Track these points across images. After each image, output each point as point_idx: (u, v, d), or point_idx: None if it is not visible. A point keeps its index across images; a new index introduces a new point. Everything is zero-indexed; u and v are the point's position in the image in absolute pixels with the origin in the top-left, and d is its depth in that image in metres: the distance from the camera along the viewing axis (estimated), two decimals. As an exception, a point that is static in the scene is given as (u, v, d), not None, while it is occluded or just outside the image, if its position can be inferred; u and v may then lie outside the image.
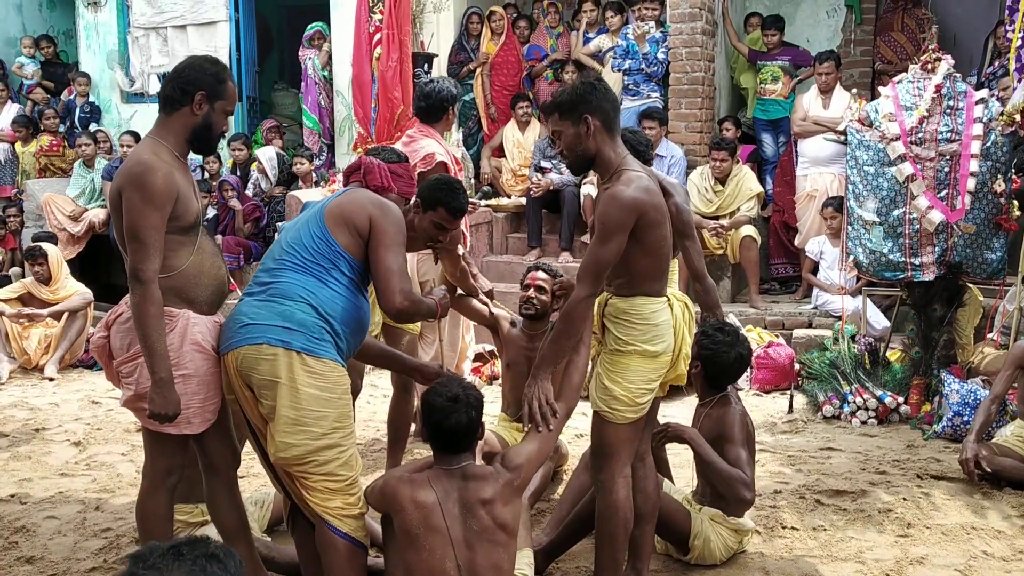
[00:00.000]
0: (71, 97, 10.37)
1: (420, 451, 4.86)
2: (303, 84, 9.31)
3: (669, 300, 3.26)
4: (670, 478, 4.02)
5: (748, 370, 6.55)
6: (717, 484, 3.69)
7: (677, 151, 7.65)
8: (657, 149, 7.36)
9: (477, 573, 2.85)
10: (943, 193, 5.62)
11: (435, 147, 4.85)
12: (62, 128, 10.15)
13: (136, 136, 9.28)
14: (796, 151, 7.87)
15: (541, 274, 4.64)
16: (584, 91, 3.16)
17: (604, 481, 3.25)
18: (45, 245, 7.70)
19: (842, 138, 6.81)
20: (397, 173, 3.44)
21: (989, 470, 4.46)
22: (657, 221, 3.10)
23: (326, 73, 9.26)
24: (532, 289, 4.60)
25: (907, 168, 5.59)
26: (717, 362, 3.78)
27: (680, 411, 5.18)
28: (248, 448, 3.42)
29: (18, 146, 10.17)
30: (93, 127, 9.98)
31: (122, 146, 9.15)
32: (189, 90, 3.08)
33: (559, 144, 3.26)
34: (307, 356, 2.95)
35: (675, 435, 3.75)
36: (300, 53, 9.30)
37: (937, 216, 5.57)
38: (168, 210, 3.00)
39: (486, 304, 4.76)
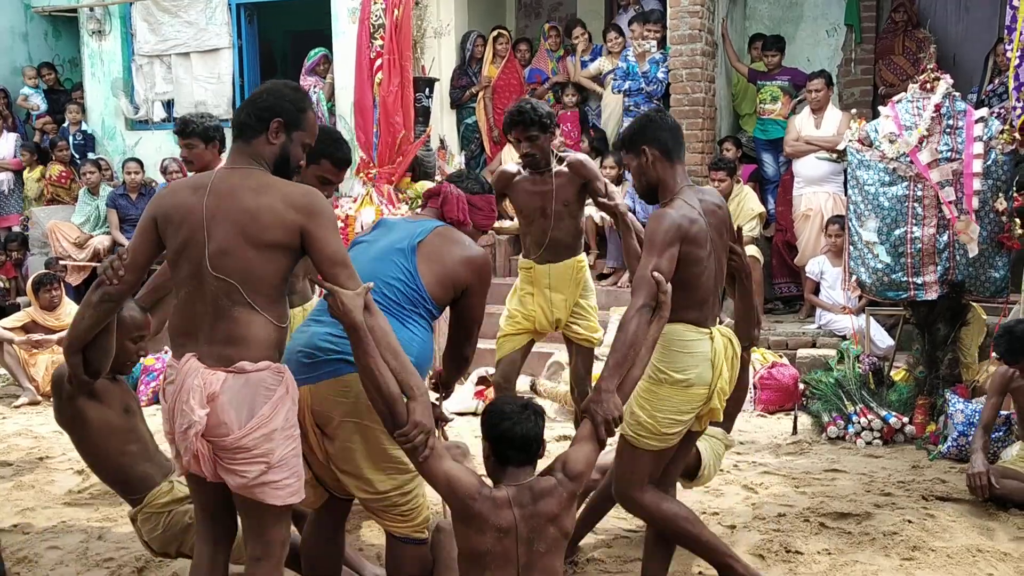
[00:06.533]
0: (65, 125, 10.46)
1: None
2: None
3: (711, 333, 3.27)
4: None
5: (752, 391, 6.55)
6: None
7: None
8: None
9: None
10: (943, 212, 5.61)
11: None
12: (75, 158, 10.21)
13: (140, 163, 9.32)
14: (793, 171, 7.89)
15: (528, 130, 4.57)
16: (640, 124, 3.35)
17: (633, 507, 3.37)
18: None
19: (834, 156, 6.81)
20: (476, 205, 3.37)
21: (997, 486, 4.44)
22: (694, 250, 3.17)
23: (331, 105, 9.30)
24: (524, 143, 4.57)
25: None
26: None
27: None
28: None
29: (24, 173, 10.24)
30: (92, 155, 10.03)
31: (128, 173, 9.18)
32: (265, 117, 2.82)
33: (632, 177, 3.48)
34: None
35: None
36: (302, 81, 9.33)
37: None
38: None
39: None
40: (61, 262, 8.99)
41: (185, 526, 3.43)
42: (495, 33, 9.10)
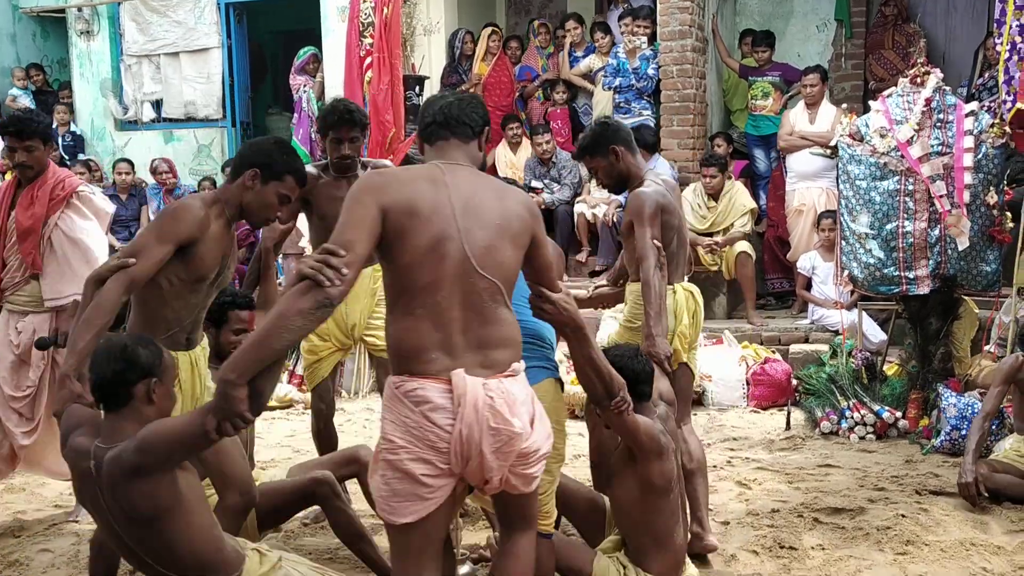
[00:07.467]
0: (54, 127, 10.40)
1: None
2: (296, 116, 9.26)
3: (674, 288, 3.93)
4: None
5: (745, 386, 6.56)
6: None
7: (665, 169, 7.52)
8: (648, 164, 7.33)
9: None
10: (935, 206, 5.61)
11: None
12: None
13: (130, 163, 9.30)
14: (785, 166, 7.88)
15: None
16: (600, 130, 3.94)
17: None
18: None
19: (828, 152, 6.81)
20: None
21: (987, 494, 4.43)
22: (668, 218, 3.85)
23: (321, 104, 9.26)
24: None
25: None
26: None
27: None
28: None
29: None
30: (82, 156, 9.98)
31: (118, 173, 9.13)
32: (479, 123, 2.77)
33: (600, 177, 4.02)
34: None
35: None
36: (292, 80, 9.31)
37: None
38: None
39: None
40: None
41: None
42: (488, 31, 9.07)
